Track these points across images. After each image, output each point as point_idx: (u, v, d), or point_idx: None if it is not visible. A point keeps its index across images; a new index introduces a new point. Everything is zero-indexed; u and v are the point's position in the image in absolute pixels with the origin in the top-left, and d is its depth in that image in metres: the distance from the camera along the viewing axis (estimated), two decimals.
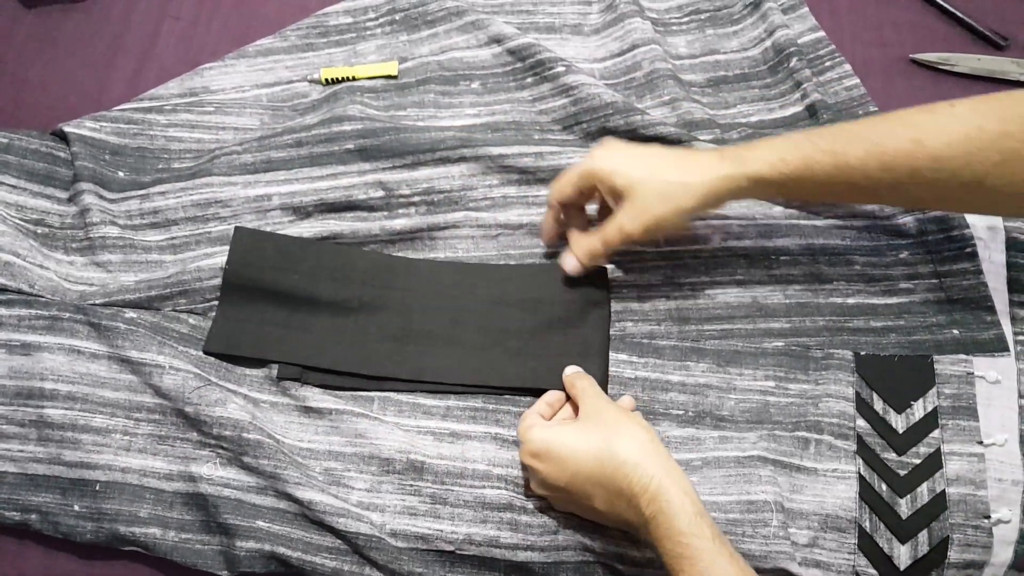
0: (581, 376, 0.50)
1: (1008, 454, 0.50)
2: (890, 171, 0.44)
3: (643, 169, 0.48)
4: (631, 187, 0.48)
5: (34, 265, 0.56)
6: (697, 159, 0.48)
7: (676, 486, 0.41)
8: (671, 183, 0.47)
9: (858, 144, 0.45)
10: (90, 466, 0.51)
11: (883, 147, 0.44)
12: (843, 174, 0.45)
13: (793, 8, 0.69)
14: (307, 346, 0.54)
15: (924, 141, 0.43)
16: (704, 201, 0.47)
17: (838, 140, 0.46)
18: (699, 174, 0.47)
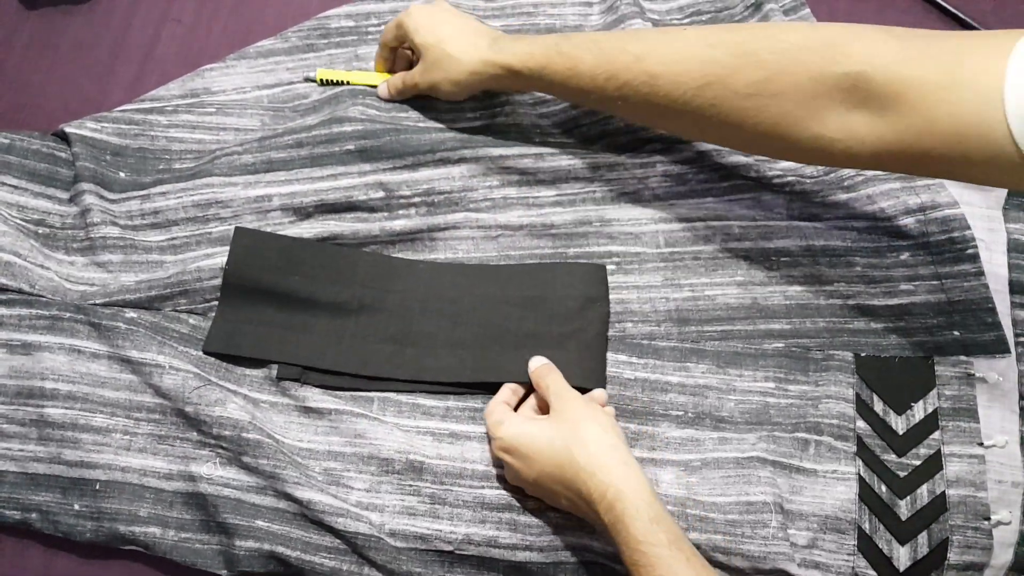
0: (549, 370, 0.50)
1: (1008, 456, 0.50)
2: (613, 80, 0.48)
3: (436, 36, 0.55)
4: (424, 48, 0.56)
5: (35, 265, 0.56)
6: (475, 41, 0.54)
7: (633, 493, 0.41)
8: (449, 56, 0.54)
9: (592, 54, 0.49)
10: (90, 465, 0.51)
11: (611, 58, 0.48)
12: (576, 79, 0.50)
13: (794, 9, 0.69)
14: (307, 347, 0.54)
15: (644, 58, 0.46)
16: (471, 79, 0.55)
17: (578, 48, 0.50)
18: (469, 54, 0.54)
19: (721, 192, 0.59)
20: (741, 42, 0.44)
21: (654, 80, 0.46)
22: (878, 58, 0.38)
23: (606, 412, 0.47)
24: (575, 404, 0.46)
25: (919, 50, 0.38)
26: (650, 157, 0.59)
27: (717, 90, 0.44)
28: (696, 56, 0.45)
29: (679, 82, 0.45)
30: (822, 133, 0.42)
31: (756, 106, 0.43)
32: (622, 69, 0.47)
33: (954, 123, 0.36)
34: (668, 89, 0.46)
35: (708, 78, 0.44)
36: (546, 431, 0.45)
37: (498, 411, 0.49)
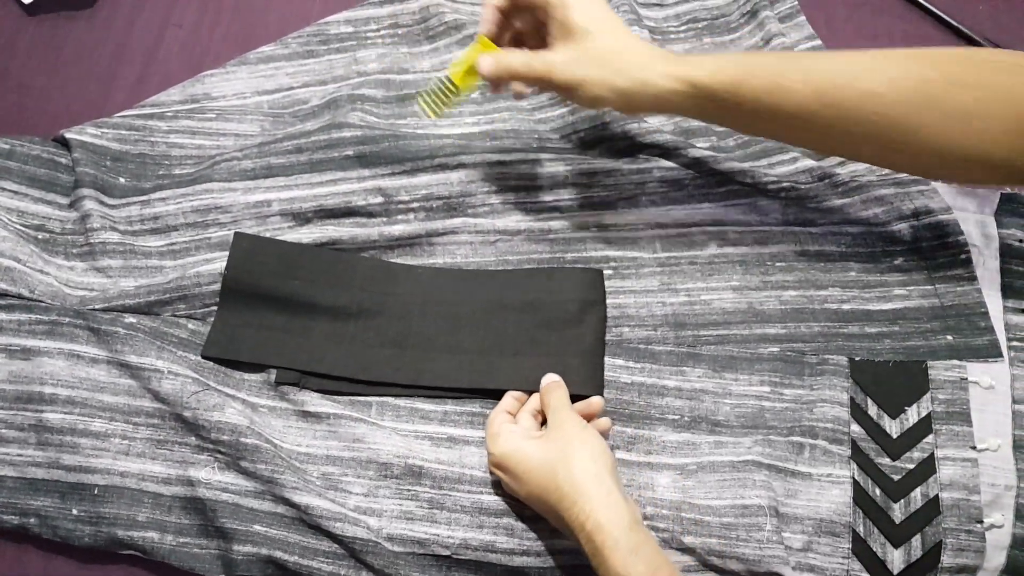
0: (554, 388, 0.50)
1: (1001, 459, 0.50)
2: (820, 98, 0.44)
3: (601, 21, 0.45)
4: (583, 32, 0.44)
5: (34, 270, 0.56)
6: (649, 47, 0.46)
7: (611, 524, 0.41)
8: (618, 54, 0.45)
9: (796, 69, 0.45)
10: (89, 470, 0.52)
11: (819, 75, 0.44)
12: (775, 94, 0.44)
13: (790, 16, 0.69)
14: (306, 351, 0.54)
15: (858, 76, 0.44)
16: (638, 89, 0.45)
17: (778, 62, 0.46)
18: (645, 58, 0.45)
19: (717, 198, 0.59)
20: (954, 62, 0.43)
21: (865, 100, 0.43)
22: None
23: (599, 436, 0.47)
24: (569, 427, 0.46)
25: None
26: (647, 163, 0.60)
27: (931, 113, 0.43)
28: (913, 75, 0.43)
29: (893, 102, 0.43)
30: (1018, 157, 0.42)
31: (965, 129, 0.42)
32: (832, 87, 0.44)
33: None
34: (883, 109, 0.43)
35: (923, 99, 0.42)
36: (536, 452, 0.45)
37: (497, 423, 0.49)
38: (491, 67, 0.48)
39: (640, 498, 0.50)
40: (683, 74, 0.45)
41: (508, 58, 0.47)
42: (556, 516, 0.44)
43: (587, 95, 0.46)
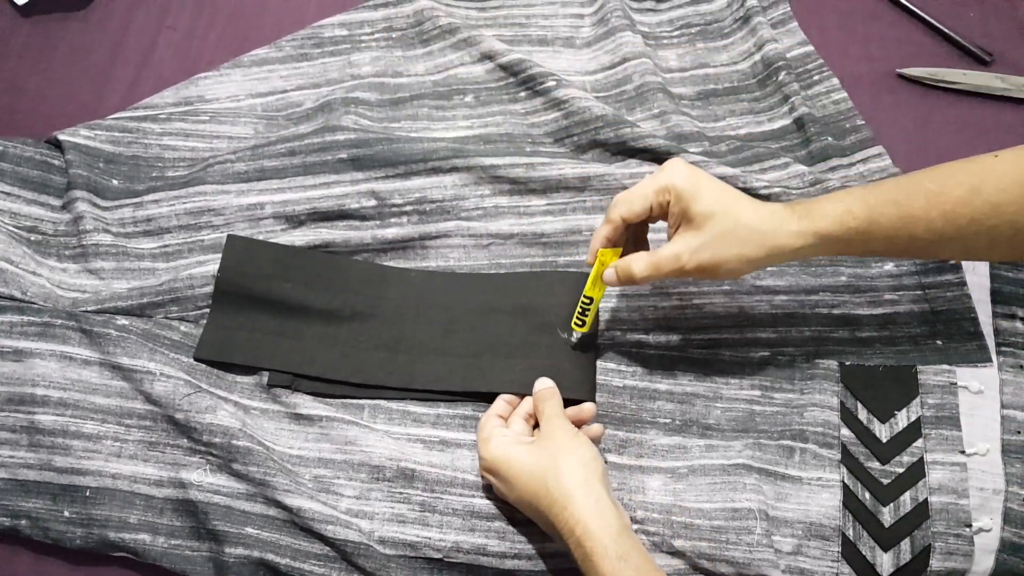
0: (548, 395, 0.50)
1: (990, 463, 0.50)
2: (951, 221, 0.44)
3: (724, 201, 0.45)
4: (706, 218, 0.44)
5: (27, 272, 0.56)
6: (770, 209, 0.45)
7: (601, 531, 0.41)
8: (743, 226, 0.44)
9: (919, 195, 0.44)
10: (81, 472, 0.51)
11: (944, 196, 0.44)
12: (907, 226, 0.44)
13: (782, 23, 0.70)
14: (298, 354, 0.55)
15: (981, 188, 0.43)
16: (770, 254, 0.45)
17: (900, 190, 0.45)
18: (772, 224, 0.45)
19: None
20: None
21: (998, 210, 0.43)
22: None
23: (590, 443, 0.47)
24: (560, 434, 0.47)
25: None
26: (639, 167, 0.60)
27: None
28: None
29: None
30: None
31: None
32: (962, 205, 0.43)
33: None
34: (1015, 216, 0.43)
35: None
36: (527, 457, 0.46)
37: (488, 427, 0.49)
38: (616, 280, 0.48)
39: (631, 502, 0.50)
40: (812, 229, 0.45)
41: (631, 266, 0.47)
42: (546, 521, 0.44)
43: (723, 274, 0.46)
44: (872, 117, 0.65)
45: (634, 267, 0.46)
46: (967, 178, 0.44)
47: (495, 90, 0.66)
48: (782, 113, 0.65)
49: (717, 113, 0.66)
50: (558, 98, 0.64)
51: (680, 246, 0.45)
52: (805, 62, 0.68)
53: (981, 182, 0.44)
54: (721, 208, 0.44)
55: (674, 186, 0.45)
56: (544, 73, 0.64)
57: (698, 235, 0.45)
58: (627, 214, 0.47)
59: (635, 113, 0.65)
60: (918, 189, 0.44)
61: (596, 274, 0.49)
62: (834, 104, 0.65)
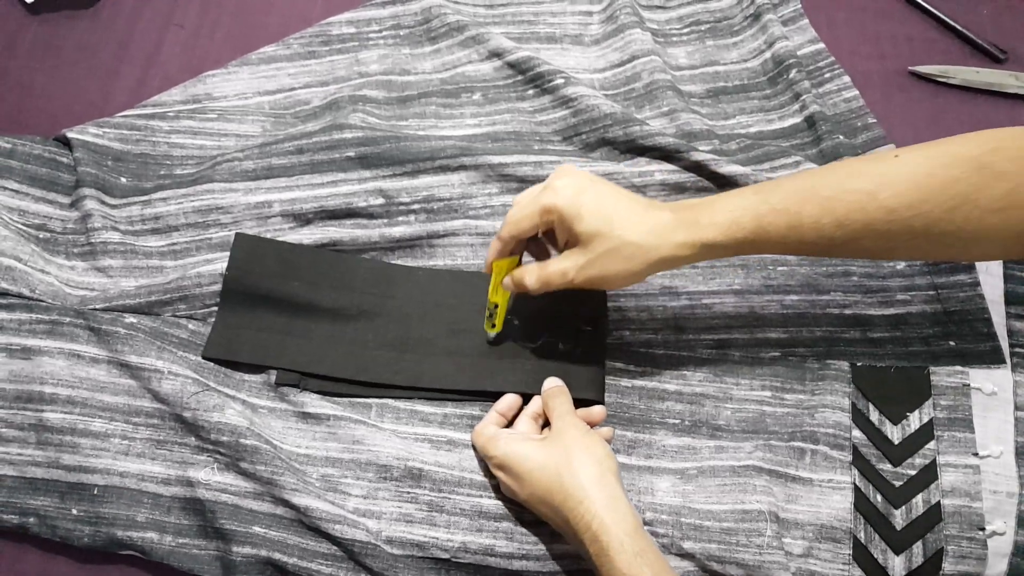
0: (558, 393, 0.50)
1: (1003, 466, 0.50)
2: (843, 227, 0.43)
3: (606, 220, 0.45)
4: (590, 237, 0.45)
5: (35, 270, 0.56)
6: (655, 219, 0.45)
7: (617, 526, 0.41)
8: (627, 244, 0.45)
9: (811, 202, 0.43)
10: (88, 470, 0.51)
11: (835, 202, 0.43)
12: (796, 233, 0.44)
13: (793, 20, 0.69)
14: (306, 353, 0.54)
15: (876, 193, 0.42)
16: (655, 267, 0.45)
17: (790, 197, 0.44)
18: (655, 237, 0.45)
19: None
20: (974, 157, 0.42)
21: (893, 215, 0.42)
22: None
23: (603, 441, 0.47)
24: (573, 431, 0.47)
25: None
26: (648, 166, 0.60)
27: (965, 211, 0.41)
28: (936, 180, 0.42)
29: (923, 211, 0.42)
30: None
31: (1003, 219, 0.41)
32: (855, 211, 0.43)
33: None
34: (911, 221, 0.42)
35: (955, 200, 0.41)
36: (539, 453, 0.46)
37: (490, 429, 0.49)
38: (513, 288, 0.50)
39: (640, 503, 0.50)
40: (698, 240, 0.45)
41: (524, 279, 0.48)
42: (560, 517, 0.44)
43: (613, 286, 0.47)
44: (884, 115, 0.64)
45: (526, 280, 0.48)
46: (863, 183, 0.43)
47: (503, 88, 0.66)
48: (793, 111, 0.64)
49: (727, 111, 0.66)
50: (566, 96, 0.63)
51: (567, 263, 0.46)
52: (816, 60, 0.67)
53: (877, 187, 0.42)
54: (605, 227, 0.45)
55: (556, 207, 0.45)
56: (552, 71, 0.64)
57: (584, 253, 0.46)
58: (515, 233, 0.48)
59: (644, 111, 0.64)
60: (811, 196, 0.44)
61: (495, 283, 0.51)
62: (845, 102, 0.65)
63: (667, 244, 0.45)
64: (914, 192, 0.42)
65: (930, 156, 0.43)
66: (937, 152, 0.43)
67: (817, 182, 0.44)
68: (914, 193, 0.42)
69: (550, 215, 0.46)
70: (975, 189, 0.41)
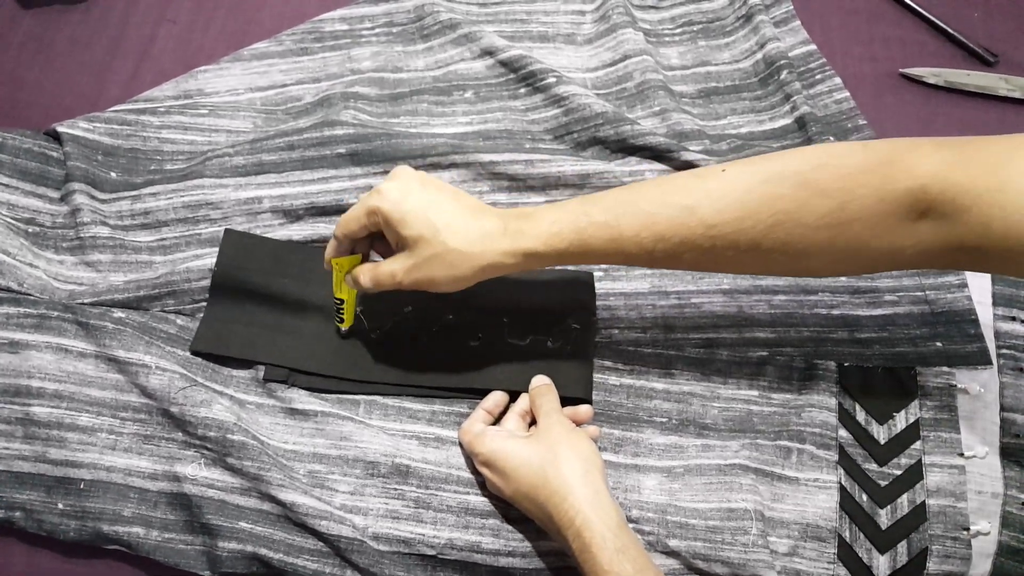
0: (545, 391, 0.50)
1: (988, 467, 0.50)
2: (664, 241, 0.43)
3: (430, 226, 0.45)
4: (415, 241, 0.45)
5: (24, 264, 0.56)
6: (481, 226, 0.45)
7: (600, 522, 0.41)
8: (451, 250, 0.45)
9: (632, 215, 0.43)
10: (75, 464, 0.51)
11: (656, 217, 0.43)
12: (617, 246, 0.44)
13: (785, 21, 0.70)
14: (294, 348, 0.54)
15: (696, 209, 0.42)
16: (480, 274, 0.46)
17: (612, 211, 0.44)
18: (480, 245, 0.45)
19: None
20: (798, 173, 0.41)
21: (713, 231, 0.42)
22: (932, 169, 0.39)
23: (588, 438, 0.47)
24: (558, 428, 0.47)
25: (968, 156, 0.38)
26: (639, 165, 0.60)
27: (788, 228, 0.41)
28: (756, 196, 0.41)
29: (744, 228, 0.41)
30: (893, 245, 0.41)
31: (829, 236, 0.41)
32: (675, 226, 0.43)
33: (1007, 223, 0.36)
34: (733, 236, 0.42)
35: (777, 216, 0.41)
36: (524, 450, 0.46)
37: (477, 426, 0.49)
38: (352, 284, 0.50)
39: (626, 500, 0.50)
40: (520, 249, 0.45)
41: (359, 277, 0.49)
42: (544, 514, 0.44)
43: (442, 289, 0.47)
44: (874, 117, 0.64)
45: (361, 279, 0.48)
46: (683, 198, 0.43)
47: (495, 86, 0.66)
48: (784, 112, 0.65)
49: (718, 111, 0.66)
50: (558, 95, 0.63)
51: (396, 265, 0.46)
52: (807, 61, 0.67)
53: (696, 203, 0.42)
54: (429, 233, 0.45)
55: (381, 210, 0.45)
56: (544, 69, 0.64)
57: (410, 256, 0.46)
58: (345, 232, 0.48)
59: (635, 111, 0.64)
60: (632, 209, 0.44)
61: (337, 279, 0.51)
62: (836, 104, 0.65)
63: (491, 252, 0.45)
64: (736, 208, 0.42)
65: (754, 172, 0.42)
66: (762, 168, 0.42)
67: (640, 196, 0.44)
68: (735, 210, 0.42)
69: (375, 216, 0.46)
70: (798, 206, 0.41)
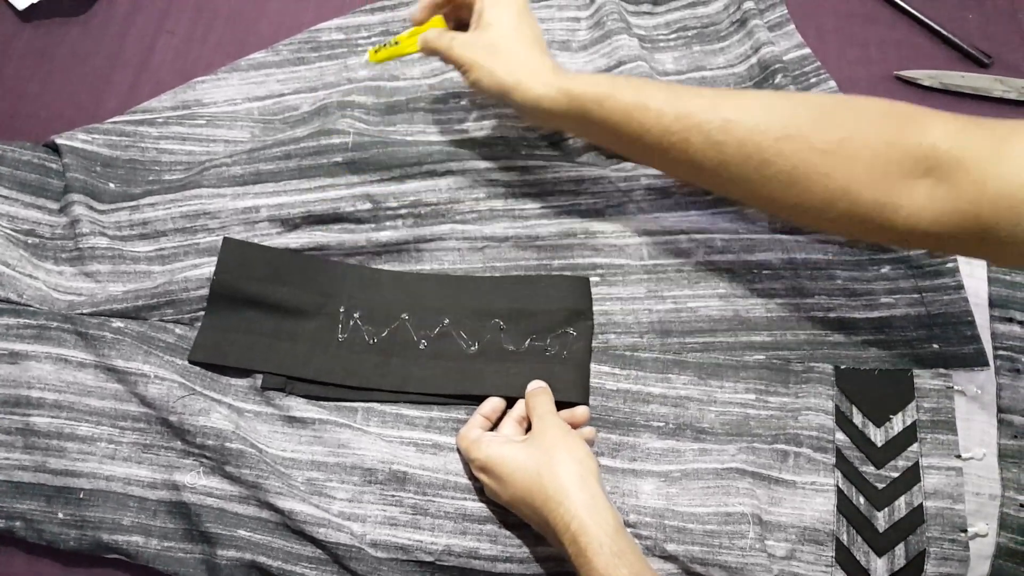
0: (539, 393, 0.51)
1: (986, 468, 0.50)
2: (682, 120, 0.46)
3: (510, 23, 0.49)
4: (487, 23, 0.50)
5: (23, 275, 0.56)
6: (543, 60, 0.50)
7: (596, 527, 0.41)
8: (509, 50, 0.49)
9: (661, 89, 0.47)
10: (75, 474, 0.52)
11: (681, 97, 0.46)
12: (641, 112, 0.47)
13: (779, 25, 0.70)
14: (292, 356, 0.55)
15: (720, 104, 0.45)
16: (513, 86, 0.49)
17: (651, 85, 0.48)
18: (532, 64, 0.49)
19: (705, 205, 0.59)
20: (822, 103, 0.44)
21: (728, 125, 0.44)
22: (944, 131, 0.41)
23: (583, 442, 0.47)
24: (554, 431, 0.47)
25: (977, 126, 0.41)
26: (634, 171, 0.60)
27: (796, 143, 0.43)
28: (777, 107, 0.44)
29: (758, 130, 0.43)
30: (888, 200, 0.42)
31: (830, 164, 0.42)
32: (696, 110, 0.45)
33: (999, 193, 0.38)
34: (744, 136, 0.44)
35: (789, 130, 0.43)
36: (520, 455, 0.46)
37: (474, 432, 0.50)
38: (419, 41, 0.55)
39: (624, 505, 0.50)
40: (558, 83, 0.49)
41: (427, 33, 0.54)
42: (540, 518, 0.44)
43: (471, 77, 0.51)
44: None
45: (429, 34, 0.54)
46: (709, 92, 0.47)
47: None
48: None
49: None
50: None
51: (458, 37, 0.51)
52: (802, 65, 0.67)
53: (724, 98, 0.46)
54: (505, 25, 0.50)
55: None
56: None
57: (475, 35, 0.51)
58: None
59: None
60: (667, 89, 0.47)
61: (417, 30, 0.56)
62: None
63: (537, 78, 0.49)
64: (757, 111, 0.44)
65: (779, 94, 0.47)
66: (787, 93, 0.47)
67: (677, 86, 0.48)
68: (757, 112, 0.44)
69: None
70: (811, 126, 0.43)
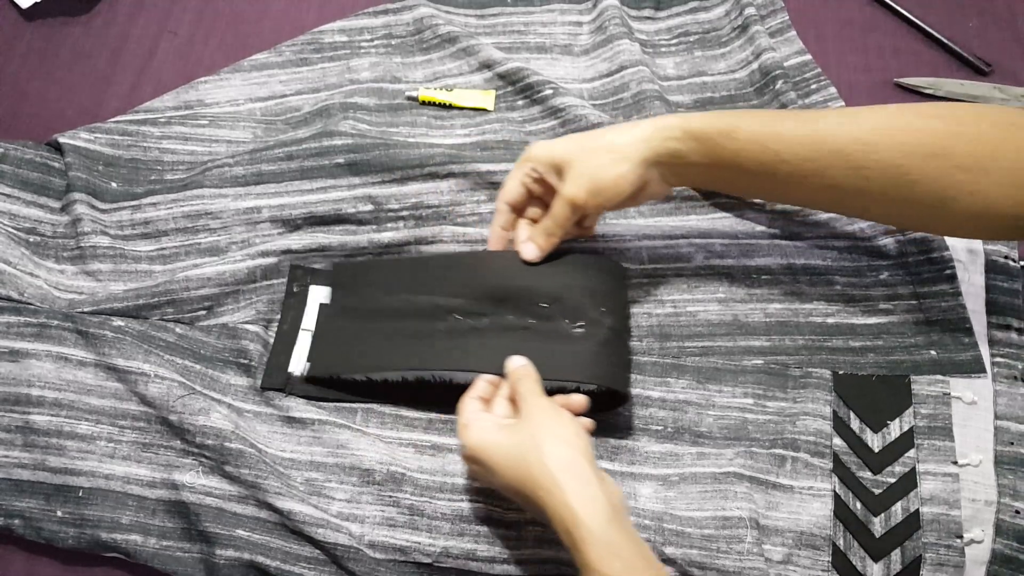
0: (523, 375, 0.47)
1: (982, 475, 0.50)
2: (820, 147, 0.45)
3: (579, 141, 0.49)
4: (570, 157, 0.48)
5: (24, 273, 0.56)
6: (633, 124, 0.49)
7: (589, 518, 0.39)
8: (608, 143, 0.48)
9: (791, 118, 0.46)
10: (74, 472, 0.52)
11: (814, 121, 0.45)
12: (775, 142, 0.45)
13: (780, 31, 0.70)
14: (390, 355, 0.53)
15: (855, 127, 0.44)
16: (641, 154, 0.47)
17: (772, 114, 0.48)
18: (633, 132, 0.48)
19: (705, 210, 0.60)
20: (959, 117, 0.43)
21: (868, 149, 0.43)
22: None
23: (571, 419, 0.45)
24: (539, 415, 0.44)
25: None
26: None
27: (941, 162, 0.42)
28: (914, 126, 0.43)
29: (903, 152, 0.43)
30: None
31: (974, 180, 0.42)
32: (831, 135, 0.44)
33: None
34: (887, 159, 0.43)
35: (933, 148, 0.42)
36: (506, 442, 0.44)
37: (467, 411, 0.47)
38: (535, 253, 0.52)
39: None
40: (680, 123, 0.47)
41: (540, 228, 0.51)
42: (534, 507, 0.43)
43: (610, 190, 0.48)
44: None
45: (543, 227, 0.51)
46: (841, 116, 0.46)
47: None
48: None
49: None
50: (555, 106, 0.64)
51: (565, 189, 0.49)
52: (803, 71, 0.68)
53: (857, 120, 0.44)
54: (581, 143, 0.49)
55: (532, 155, 0.50)
56: (541, 81, 0.65)
57: (572, 172, 0.48)
58: (509, 197, 0.52)
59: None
60: (789, 114, 0.47)
61: None
62: None
63: (647, 132, 0.48)
64: (897, 132, 0.43)
65: (908, 108, 0.45)
66: (916, 106, 0.45)
67: (798, 111, 0.48)
68: (897, 134, 0.43)
69: (527, 165, 0.50)
70: (954, 143, 0.42)
